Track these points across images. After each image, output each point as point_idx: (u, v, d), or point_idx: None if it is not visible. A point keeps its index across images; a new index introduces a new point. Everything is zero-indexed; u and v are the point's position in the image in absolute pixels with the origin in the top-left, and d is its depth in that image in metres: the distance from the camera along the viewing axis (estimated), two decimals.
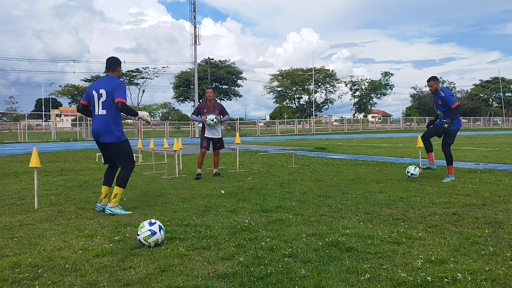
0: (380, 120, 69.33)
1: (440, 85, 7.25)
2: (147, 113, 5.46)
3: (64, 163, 12.06)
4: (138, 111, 5.23)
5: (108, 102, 4.93)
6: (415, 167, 7.32)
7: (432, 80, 7.14)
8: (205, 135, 8.37)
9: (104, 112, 4.96)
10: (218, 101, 56.77)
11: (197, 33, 42.16)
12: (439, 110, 7.26)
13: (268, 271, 2.91)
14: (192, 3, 42.81)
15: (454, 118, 7.02)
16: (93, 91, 5.01)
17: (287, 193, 6.13)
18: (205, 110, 8.30)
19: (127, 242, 3.75)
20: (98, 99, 4.97)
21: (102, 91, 4.94)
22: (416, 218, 4.41)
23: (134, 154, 5.35)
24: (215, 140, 8.44)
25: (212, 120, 8.15)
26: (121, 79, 5.11)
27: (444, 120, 7.14)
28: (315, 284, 2.68)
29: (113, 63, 5.14)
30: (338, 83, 62.97)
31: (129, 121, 56.46)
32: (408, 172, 7.31)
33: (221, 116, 8.39)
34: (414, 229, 3.96)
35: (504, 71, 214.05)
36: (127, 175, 5.16)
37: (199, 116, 8.40)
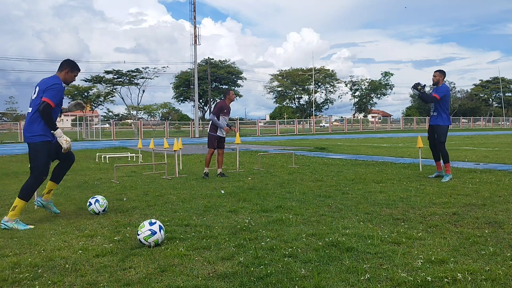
0: (380, 120, 69.33)
1: (444, 81, 7.44)
2: (68, 140, 4.69)
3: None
4: (58, 130, 4.60)
5: (36, 100, 4.58)
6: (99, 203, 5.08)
7: (439, 71, 7.39)
8: (217, 134, 8.42)
9: (30, 109, 4.64)
10: (218, 100, 56.95)
11: (197, 33, 42.20)
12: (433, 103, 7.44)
13: (268, 271, 2.91)
14: (192, 3, 42.83)
15: (424, 97, 7.32)
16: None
17: (287, 193, 6.13)
18: (225, 111, 8.41)
19: (127, 242, 3.75)
20: (31, 96, 4.72)
21: (37, 88, 4.66)
22: (416, 218, 4.41)
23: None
24: (223, 139, 8.58)
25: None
26: (63, 84, 4.72)
27: (435, 113, 7.30)
28: (315, 284, 2.68)
29: (64, 64, 4.81)
30: (338, 83, 63.04)
31: (128, 121, 56.49)
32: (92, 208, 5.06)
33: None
34: (414, 229, 3.96)
35: (504, 71, 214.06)
36: (30, 185, 4.59)
37: (221, 119, 8.34)
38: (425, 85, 7.24)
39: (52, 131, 4.59)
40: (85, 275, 2.95)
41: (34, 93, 4.67)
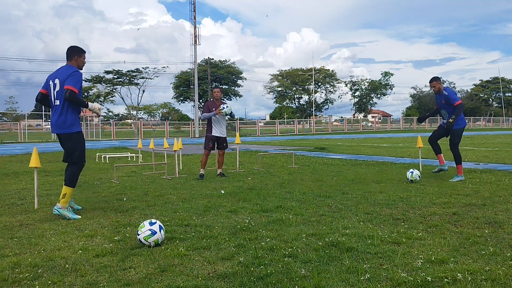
0: (380, 120, 69.32)
1: (442, 85, 7.38)
2: (99, 106, 5.15)
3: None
4: (89, 103, 5.00)
5: (61, 91, 4.78)
6: (418, 175, 6.98)
7: (435, 80, 7.27)
8: (212, 134, 8.31)
9: (58, 102, 4.84)
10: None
11: (197, 33, 42.23)
12: (443, 110, 7.34)
13: (268, 271, 2.91)
14: (192, 3, 42.86)
15: (458, 115, 7.10)
16: (50, 81, 4.92)
17: (287, 193, 6.13)
18: (213, 109, 8.25)
19: (127, 242, 3.75)
20: (53, 89, 4.87)
21: (57, 80, 4.83)
22: (416, 218, 4.41)
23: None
24: (221, 139, 8.41)
25: (225, 107, 8.10)
26: (80, 70, 4.94)
27: (447, 120, 7.22)
28: (315, 284, 2.68)
29: (70, 52, 4.99)
30: (338, 83, 63.08)
31: (128, 121, 56.50)
32: (408, 178, 6.97)
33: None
34: (414, 229, 3.96)
35: (504, 71, 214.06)
36: (75, 173, 4.94)
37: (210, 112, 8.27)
38: (451, 116, 7.15)
39: (86, 108, 4.95)
40: (85, 275, 2.95)
41: (56, 86, 4.83)
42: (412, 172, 6.99)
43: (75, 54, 5.00)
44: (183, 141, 10.77)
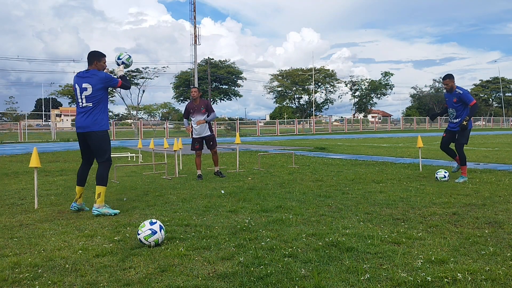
0: (380, 120, 69.30)
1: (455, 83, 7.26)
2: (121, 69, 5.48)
3: (64, 163, 12.06)
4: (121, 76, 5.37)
5: (94, 95, 5.05)
6: (445, 173, 7.14)
7: (448, 78, 7.17)
8: (193, 136, 8.34)
9: (90, 104, 5.06)
10: (218, 100, 57.00)
11: (197, 33, 42.23)
12: (451, 108, 7.23)
13: (268, 271, 2.91)
14: (192, 3, 42.85)
15: (472, 115, 7.05)
16: (76, 84, 5.13)
17: (287, 193, 6.13)
18: (191, 110, 8.22)
19: (127, 242, 3.75)
20: (81, 93, 5.07)
21: (88, 85, 5.05)
22: (416, 218, 4.41)
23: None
24: (206, 139, 8.34)
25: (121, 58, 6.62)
26: (103, 71, 5.22)
27: (457, 120, 7.15)
28: (315, 284, 2.68)
29: (88, 58, 5.23)
30: (338, 83, 63.02)
31: (128, 121, 56.49)
32: (437, 177, 7.11)
33: (207, 116, 8.20)
34: (414, 229, 3.96)
35: (504, 71, 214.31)
36: (105, 172, 5.12)
37: (188, 120, 8.39)
38: (465, 118, 7.05)
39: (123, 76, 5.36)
40: (85, 275, 2.95)
41: (85, 90, 5.04)
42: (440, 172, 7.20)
43: (94, 59, 5.22)
44: (183, 141, 10.77)
